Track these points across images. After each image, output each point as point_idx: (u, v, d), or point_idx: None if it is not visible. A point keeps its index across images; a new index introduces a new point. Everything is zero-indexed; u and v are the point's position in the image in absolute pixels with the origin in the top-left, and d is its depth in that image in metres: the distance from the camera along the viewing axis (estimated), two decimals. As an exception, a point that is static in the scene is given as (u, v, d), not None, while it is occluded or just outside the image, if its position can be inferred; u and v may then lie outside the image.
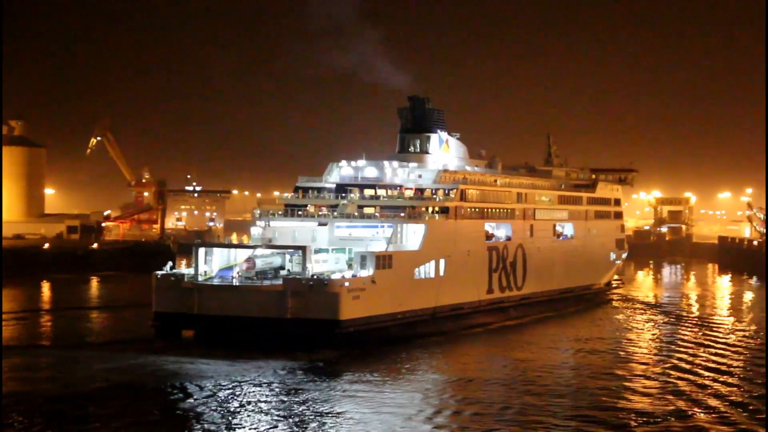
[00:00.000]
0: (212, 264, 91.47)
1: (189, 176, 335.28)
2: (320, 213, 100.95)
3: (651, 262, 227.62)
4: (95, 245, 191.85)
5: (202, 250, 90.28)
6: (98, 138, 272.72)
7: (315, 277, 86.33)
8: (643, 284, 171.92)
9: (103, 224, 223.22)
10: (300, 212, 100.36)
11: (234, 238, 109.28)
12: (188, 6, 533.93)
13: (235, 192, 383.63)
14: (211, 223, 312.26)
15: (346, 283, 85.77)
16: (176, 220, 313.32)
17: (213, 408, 64.86)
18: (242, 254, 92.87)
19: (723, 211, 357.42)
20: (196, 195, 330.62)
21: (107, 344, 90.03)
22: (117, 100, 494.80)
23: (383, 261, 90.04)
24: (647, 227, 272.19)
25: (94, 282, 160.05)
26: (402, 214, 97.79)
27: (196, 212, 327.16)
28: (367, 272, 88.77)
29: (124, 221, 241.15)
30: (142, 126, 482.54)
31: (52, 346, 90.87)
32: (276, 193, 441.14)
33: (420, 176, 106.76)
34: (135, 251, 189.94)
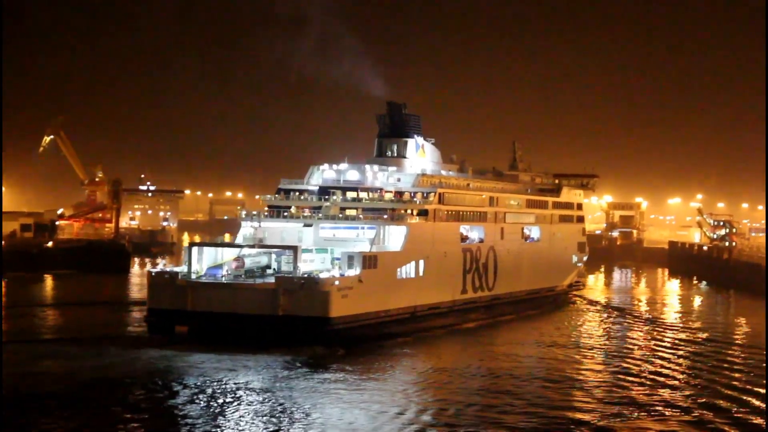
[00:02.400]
0: (201, 263, 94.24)
1: (143, 176, 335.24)
2: (303, 214, 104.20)
3: (602, 266, 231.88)
4: (50, 243, 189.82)
5: (195, 249, 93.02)
6: (51, 136, 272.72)
7: (306, 275, 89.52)
8: (598, 288, 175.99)
9: (57, 223, 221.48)
10: (285, 213, 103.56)
11: (226, 238, 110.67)
12: (144, 4, 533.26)
13: (187, 192, 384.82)
14: (165, 223, 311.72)
15: (336, 282, 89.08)
16: (130, 219, 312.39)
17: (204, 402, 67.41)
18: (228, 253, 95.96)
19: (672, 216, 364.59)
20: (149, 194, 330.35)
21: (91, 340, 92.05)
22: (70, 99, 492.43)
23: (369, 261, 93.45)
24: (599, 231, 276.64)
25: (52, 280, 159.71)
26: (385, 216, 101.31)
27: (150, 212, 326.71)
28: (354, 272, 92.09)
29: (78, 220, 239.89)
30: (94, 125, 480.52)
31: (37, 341, 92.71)
32: (228, 194, 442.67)
33: (399, 179, 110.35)
34: (90, 250, 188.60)
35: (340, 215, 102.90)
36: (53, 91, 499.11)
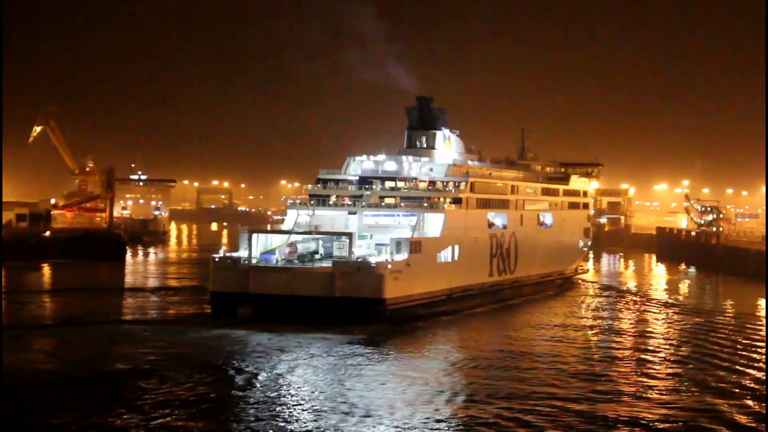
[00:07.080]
0: (257, 248, 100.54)
1: (133, 165, 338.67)
2: (346, 203, 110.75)
3: (591, 251, 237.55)
4: (47, 233, 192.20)
5: (255, 236, 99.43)
6: (41, 126, 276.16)
7: (361, 260, 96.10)
8: (589, 273, 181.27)
9: (52, 212, 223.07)
10: (330, 202, 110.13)
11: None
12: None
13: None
14: (157, 212, 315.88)
15: (389, 266, 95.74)
16: (122, 208, 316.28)
17: (264, 379, 71.29)
18: (277, 239, 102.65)
19: (658, 202, 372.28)
20: (141, 184, 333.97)
21: (154, 322, 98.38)
22: (60, 89, 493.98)
23: (415, 246, 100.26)
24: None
25: (52, 268, 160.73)
26: (426, 204, 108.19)
27: (141, 201, 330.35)
28: (402, 256, 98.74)
29: (72, 210, 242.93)
30: (84, 115, 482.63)
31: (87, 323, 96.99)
32: (215, 183, 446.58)
33: (431, 169, 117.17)
34: (87, 239, 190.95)
35: (381, 204, 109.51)
36: (44, 81, 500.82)
